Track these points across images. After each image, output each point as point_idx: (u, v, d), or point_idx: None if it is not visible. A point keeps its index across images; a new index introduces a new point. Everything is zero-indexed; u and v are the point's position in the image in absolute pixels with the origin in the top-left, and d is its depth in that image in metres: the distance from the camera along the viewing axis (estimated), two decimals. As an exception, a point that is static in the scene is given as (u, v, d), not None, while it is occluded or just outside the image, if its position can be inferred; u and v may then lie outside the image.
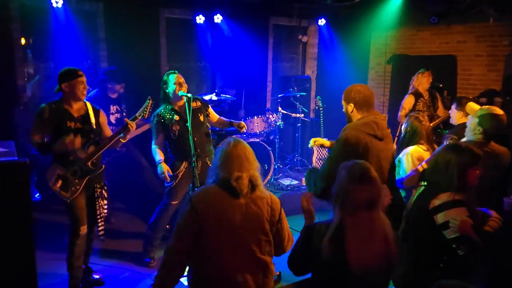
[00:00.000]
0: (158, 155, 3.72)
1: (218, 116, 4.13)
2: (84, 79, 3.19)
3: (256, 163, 2.26)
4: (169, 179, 3.66)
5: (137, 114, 3.39)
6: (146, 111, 3.41)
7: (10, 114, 5.01)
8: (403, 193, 3.31)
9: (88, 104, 3.32)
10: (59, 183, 3.13)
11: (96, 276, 3.50)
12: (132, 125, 3.27)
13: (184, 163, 3.74)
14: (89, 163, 3.20)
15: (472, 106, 3.37)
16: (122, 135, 3.29)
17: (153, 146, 3.76)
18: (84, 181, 3.21)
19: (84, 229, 3.22)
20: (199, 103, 3.85)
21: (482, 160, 2.38)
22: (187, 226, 2.15)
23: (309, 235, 2.07)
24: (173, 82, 3.67)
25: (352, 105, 2.77)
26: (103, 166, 3.35)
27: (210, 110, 4.03)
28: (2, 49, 5.03)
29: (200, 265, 2.17)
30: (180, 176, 3.72)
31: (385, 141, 2.75)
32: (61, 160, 3.16)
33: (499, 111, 3.20)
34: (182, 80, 3.71)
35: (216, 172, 2.22)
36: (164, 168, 3.65)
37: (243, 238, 2.15)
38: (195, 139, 3.64)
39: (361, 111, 2.77)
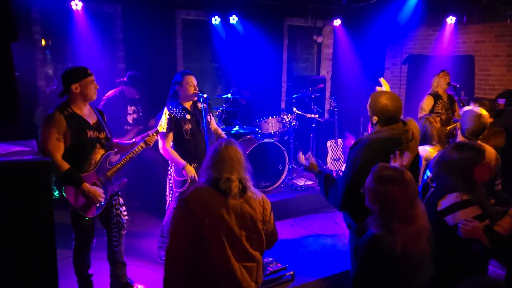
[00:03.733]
0: (180, 158, 3.61)
1: (216, 126, 4.07)
2: (93, 77, 2.96)
3: (247, 165, 2.29)
4: (197, 178, 3.63)
5: (158, 128, 3.25)
6: (166, 122, 3.30)
7: (31, 114, 5.14)
8: None
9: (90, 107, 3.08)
10: (83, 201, 2.94)
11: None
12: (152, 141, 3.18)
13: (193, 165, 3.68)
14: (112, 179, 3.07)
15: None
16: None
17: (167, 148, 3.63)
18: (108, 197, 3.09)
19: (92, 243, 3.13)
20: (205, 105, 3.75)
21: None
22: (183, 228, 2.17)
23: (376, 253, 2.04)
24: (188, 83, 3.65)
25: (376, 118, 2.66)
26: (125, 180, 3.21)
27: (213, 115, 4.01)
28: (23, 50, 5.15)
29: (197, 264, 2.19)
30: (189, 180, 3.65)
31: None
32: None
33: (479, 110, 3.19)
34: (195, 82, 3.71)
35: (208, 172, 2.25)
36: (192, 169, 3.60)
37: (238, 237, 2.19)
38: (204, 140, 3.67)
39: (383, 125, 2.65)
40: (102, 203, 3.04)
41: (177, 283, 2.19)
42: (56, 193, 5.10)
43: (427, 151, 3.37)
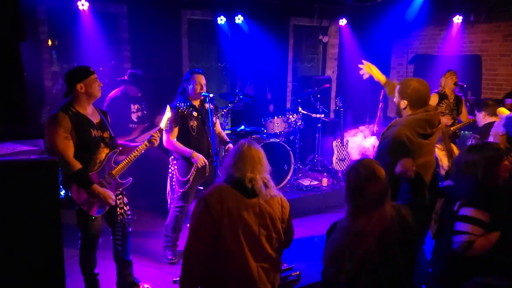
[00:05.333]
0: (185, 148, 3.69)
1: (220, 129, 4.11)
2: (96, 75, 2.97)
3: (268, 166, 2.32)
4: (207, 163, 3.68)
5: (161, 126, 3.26)
6: (168, 118, 3.30)
7: (38, 113, 5.16)
8: None
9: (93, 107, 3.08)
10: (89, 200, 2.94)
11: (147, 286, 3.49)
12: (157, 139, 3.17)
13: (194, 165, 3.74)
14: (118, 177, 3.07)
15: (503, 110, 3.41)
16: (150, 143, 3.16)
17: (171, 140, 3.69)
18: (114, 195, 3.07)
19: (98, 242, 3.14)
20: (211, 105, 3.81)
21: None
22: (202, 226, 2.19)
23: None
24: (196, 82, 3.72)
25: (406, 102, 2.69)
26: (131, 179, 3.19)
27: (218, 118, 4.05)
28: (30, 50, 5.17)
29: (214, 263, 2.22)
30: (191, 180, 3.75)
31: (432, 137, 2.73)
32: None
33: None
34: (203, 82, 3.75)
35: (229, 171, 2.26)
36: (200, 156, 3.66)
37: (257, 237, 2.21)
38: (209, 139, 3.71)
39: (413, 109, 2.70)
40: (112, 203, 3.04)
41: (193, 280, 2.23)
42: (62, 192, 5.13)
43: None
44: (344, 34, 7.58)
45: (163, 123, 3.28)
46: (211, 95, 3.59)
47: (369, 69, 3.19)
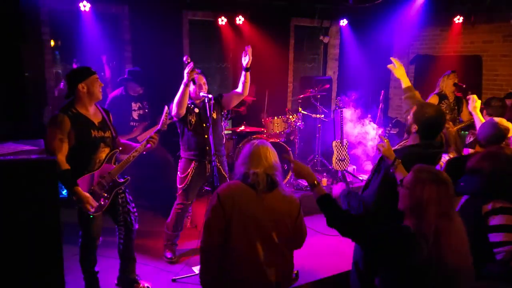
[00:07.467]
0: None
1: (232, 93, 4.01)
2: (97, 76, 2.97)
3: (276, 163, 2.39)
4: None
5: (160, 127, 3.22)
6: (166, 120, 3.27)
7: (41, 114, 5.21)
8: None
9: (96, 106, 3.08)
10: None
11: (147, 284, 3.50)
12: (155, 141, 3.16)
13: (193, 163, 3.79)
14: (116, 177, 3.08)
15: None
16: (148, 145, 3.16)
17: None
18: (112, 195, 3.09)
19: (99, 241, 3.17)
20: (211, 101, 3.76)
21: None
22: (215, 221, 2.26)
23: (407, 245, 1.90)
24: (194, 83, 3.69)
25: (416, 127, 2.64)
26: (129, 178, 3.19)
27: (224, 98, 3.96)
28: (33, 51, 5.22)
29: (227, 258, 2.27)
30: (189, 177, 3.80)
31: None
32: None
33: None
34: (203, 81, 3.76)
35: (239, 168, 2.37)
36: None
37: (267, 231, 2.26)
38: (206, 137, 3.71)
39: (422, 138, 2.64)
40: (101, 204, 3.04)
41: (211, 275, 2.30)
42: (64, 191, 5.15)
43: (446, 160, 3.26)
44: (345, 34, 7.59)
45: (163, 124, 3.27)
46: (210, 96, 3.60)
47: (396, 68, 3.17)
